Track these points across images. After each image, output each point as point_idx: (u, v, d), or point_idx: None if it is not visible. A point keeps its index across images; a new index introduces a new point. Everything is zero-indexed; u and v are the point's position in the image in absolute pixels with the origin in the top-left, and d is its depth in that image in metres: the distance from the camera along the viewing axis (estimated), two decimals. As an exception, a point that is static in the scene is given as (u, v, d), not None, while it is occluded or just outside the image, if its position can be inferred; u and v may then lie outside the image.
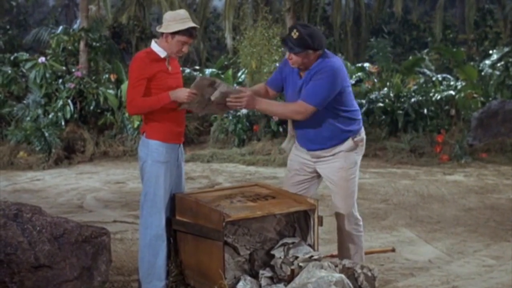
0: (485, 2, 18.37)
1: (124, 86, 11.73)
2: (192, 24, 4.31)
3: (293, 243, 4.28)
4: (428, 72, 14.52)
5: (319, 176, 4.62)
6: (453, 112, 11.94)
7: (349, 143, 4.46)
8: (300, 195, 4.49)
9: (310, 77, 4.32)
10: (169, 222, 4.47)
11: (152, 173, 4.38)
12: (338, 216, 4.57)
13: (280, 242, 4.30)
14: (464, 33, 18.86)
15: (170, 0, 17.93)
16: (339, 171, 4.48)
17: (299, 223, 4.49)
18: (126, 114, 11.45)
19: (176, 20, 4.30)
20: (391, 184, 8.86)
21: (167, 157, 4.38)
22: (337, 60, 4.42)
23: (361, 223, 4.65)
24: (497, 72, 12.58)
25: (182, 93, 4.25)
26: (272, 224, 4.41)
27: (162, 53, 4.36)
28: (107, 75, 12.52)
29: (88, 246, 4.28)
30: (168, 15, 4.37)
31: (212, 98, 4.22)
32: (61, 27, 15.00)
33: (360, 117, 4.60)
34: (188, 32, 4.29)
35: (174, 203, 4.49)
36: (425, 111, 11.10)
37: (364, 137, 4.61)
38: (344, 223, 4.55)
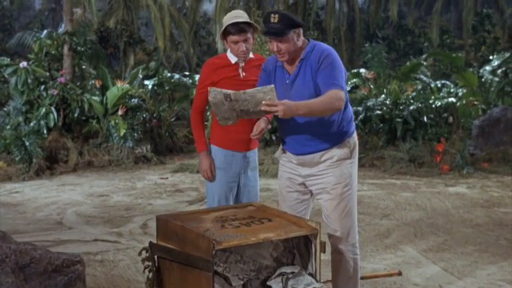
0: (483, 6, 17.96)
1: (110, 93, 11.22)
2: (233, 20, 4.13)
3: (292, 272, 3.76)
4: (424, 78, 14.07)
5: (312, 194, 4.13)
6: (451, 119, 11.49)
7: (344, 147, 3.94)
8: (300, 217, 3.97)
9: (310, 67, 3.82)
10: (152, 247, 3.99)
11: (214, 177, 4.39)
12: (332, 237, 4.05)
13: (278, 272, 3.78)
14: (460, 38, 18.44)
15: (159, 4, 17.47)
16: (334, 188, 3.96)
17: (299, 248, 3.97)
18: (112, 122, 10.93)
19: (226, 22, 4.21)
20: (391, 196, 8.37)
21: (224, 163, 4.34)
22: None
23: (357, 244, 4.14)
24: (496, 79, 12.15)
25: (201, 165, 4.36)
26: (268, 250, 3.89)
27: (233, 59, 4.28)
28: (93, 81, 12.00)
29: (59, 277, 3.75)
30: (224, 19, 4.29)
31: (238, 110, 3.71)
32: (45, 31, 14.47)
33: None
34: (235, 29, 4.13)
35: (158, 226, 3.97)
36: (425, 118, 10.62)
37: (357, 142, 4.13)
38: (339, 245, 4.03)
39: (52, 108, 10.69)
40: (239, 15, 4.20)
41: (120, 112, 11.00)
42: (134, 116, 11.28)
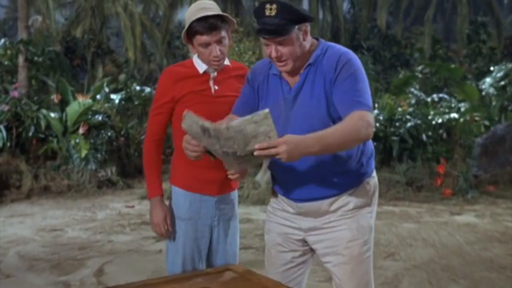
0: (477, 14, 16.97)
1: (70, 109, 9.97)
2: (200, 14, 2.91)
3: None
4: (416, 92, 13.01)
5: (313, 252, 2.95)
6: (444, 135, 10.42)
7: (362, 191, 2.78)
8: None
9: (322, 77, 2.66)
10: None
11: (171, 233, 3.15)
12: None
13: None
14: (449, 48, 17.45)
15: (129, 12, 16.25)
16: (348, 247, 2.79)
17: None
18: (72, 142, 9.68)
19: (190, 16, 2.99)
20: (392, 229, 7.24)
21: (190, 212, 3.12)
22: None
23: None
24: (494, 92, 11.13)
25: (152, 217, 3.11)
26: None
27: (201, 67, 3.07)
28: (53, 96, 10.73)
29: None
30: (186, 12, 3.05)
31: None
32: (2, 40, 13.18)
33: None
34: (204, 26, 2.92)
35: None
36: (424, 136, 9.51)
37: (377, 184, 2.96)
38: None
39: (1, 126, 9.38)
40: (207, 7, 2.97)
41: (81, 131, 9.75)
42: (97, 135, 10.03)
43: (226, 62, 3.08)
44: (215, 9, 2.98)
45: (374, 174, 2.88)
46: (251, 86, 2.88)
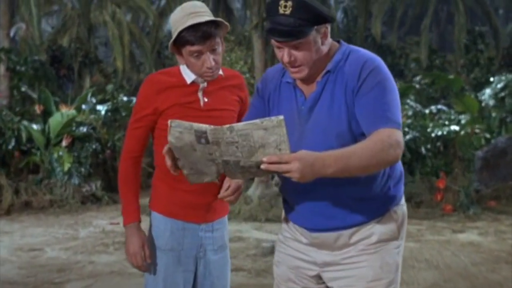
0: (475, 23, 16.67)
1: (53, 120, 9.54)
2: (191, 21, 2.50)
3: None
4: (412, 103, 12.65)
5: None
6: (441, 148, 10.05)
7: (388, 221, 2.37)
8: None
9: (343, 86, 2.26)
10: None
11: (150, 265, 2.75)
12: None
13: None
14: (445, 59, 17.14)
15: (118, 21, 15.86)
16: (371, 286, 2.37)
17: None
18: (55, 155, 9.24)
19: (178, 23, 2.56)
20: (392, 248, 6.82)
21: (171, 242, 2.72)
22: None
23: None
24: (495, 103, 10.79)
25: (128, 246, 2.71)
26: None
27: (189, 76, 2.66)
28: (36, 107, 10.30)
29: None
30: (173, 17, 2.61)
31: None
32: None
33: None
34: (196, 35, 2.51)
35: None
36: (423, 150, 9.13)
37: (406, 213, 2.54)
38: None
39: (-21, 139, 8.96)
40: (197, 11, 2.55)
41: (64, 143, 9.31)
42: (82, 147, 9.59)
43: (220, 71, 2.67)
44: (206, 13, 2.56)
45: (403, 201, 2.46)
46: (261, 97, 2.48)
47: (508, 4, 22.69)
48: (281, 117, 1.95)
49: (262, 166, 1.99)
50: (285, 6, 2.17)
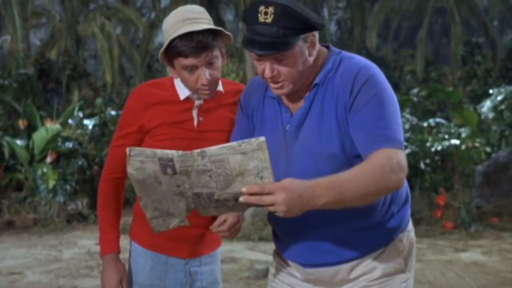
0: (471, 35, 16.42)
1: (37, 135, 9.17)
2: (185, 29, 2.12)
3: None
4: (408, 116, 12.36)
5: None
6: (439, 162, 9.75)
7: (393, 253, 2.05)
8: None
9: (333, 100, 1.94)
10: None
11: None
12: None
13: None
14: (441, 70, 16.91)
15: (107, 33, 15.55)
16: None
17: None
18: (39, 171, 8.86)
19: (170, 30, 2.18)
20: (392, 269, 6.48)
21: (151, 278, 2.38)
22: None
23: None
24: (494, 116, 10.51)
25: (104, 280, 2.36)
26: None
27: (183, 92, 2.29)
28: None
29: None
30: (165, 23, 2.23)
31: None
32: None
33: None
34: (190, 46, 2.12)
35: None
36: (422, 165, 8.81)
37: (414, 240, 2.20)
38: None
39: (-42, 156, 8.60)
40: (194, 17, 2.17)
41: (48, 159, 8.94)
42: (67, 164, 9.21)
43: (218, 87, 2.28)
44: (204, 20, 2.18)
45: (410, 226, 2.13)
46: (245, 113, 2.15)
47: (503, 15, 22.55)
48: (262, 138, 1.63)
49: (241, 199, 1.67)
50: (266, 13, 1.85)
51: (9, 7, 10.73)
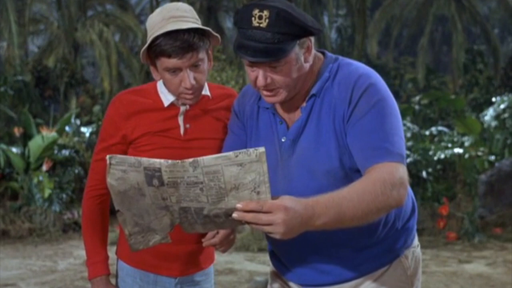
0: (473, 42, 16.32)
1: (33, 143, 9.04)
2: (169, 27, 1.96)
3: None
4: (408, 124, 12.23)
5: None
6: (441, 172, 9.62)
7: (397, 271, 1.91)
8: None
9: (331, 111, 1.81)
10: None
11: None
12: None
13: None
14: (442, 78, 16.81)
15: (105, 40, 15.44)
16: None
17: None
18: (35, 180, 8.71)
19: (154, 27, 2.03)
20: (395, 281, 6.33)
21: None
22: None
23: None
24: (497, 125, 10.38)
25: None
26: None
27: (167, 98, 2.13)
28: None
29: None
30: (149, 20, 2.08)
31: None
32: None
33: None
34: (173, 45, 1.96)
35: None
36: (424, 174, 8.67)
37: (420, 257, 2.05)
38: None
39: (-49, 164, 8.46)
40: (180, 14, 2.01)
41: (44, 167, 8.80)
42: (64, 172, 9.07)
43: (205, 91, 2.13)
44: (191, 19, 2.01)
45: (416, 242, 1.99)
46: (241, 120, 2.01)
47: (504, 24, 22.48)
48: (262, 149, 1.48)
49: (235, 215, 1.51)
50: (260, 17, 1.72)
51: (5, 13, 10.60)
